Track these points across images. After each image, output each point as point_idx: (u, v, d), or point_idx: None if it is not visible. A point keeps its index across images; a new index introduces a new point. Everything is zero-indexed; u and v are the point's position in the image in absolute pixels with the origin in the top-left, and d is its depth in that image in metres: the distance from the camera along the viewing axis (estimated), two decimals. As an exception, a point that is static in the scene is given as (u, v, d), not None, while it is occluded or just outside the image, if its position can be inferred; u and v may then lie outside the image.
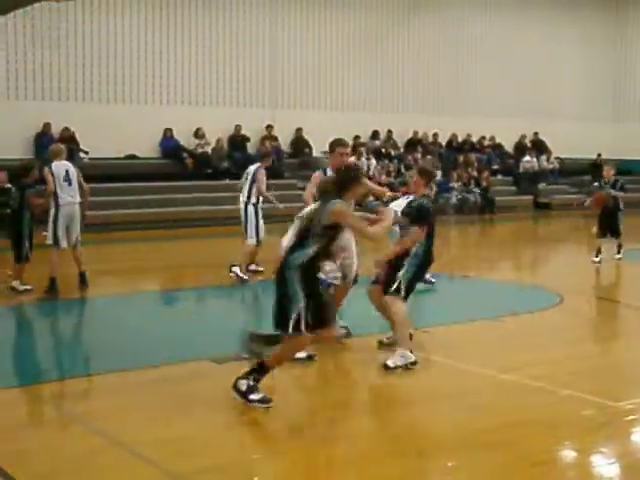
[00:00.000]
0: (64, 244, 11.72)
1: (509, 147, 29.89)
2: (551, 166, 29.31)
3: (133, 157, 22.87)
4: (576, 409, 6.96)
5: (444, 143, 28.28)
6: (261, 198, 13.19)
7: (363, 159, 24.94)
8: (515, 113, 29.22)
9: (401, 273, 7.97)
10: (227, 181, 22.25)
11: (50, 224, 11.70)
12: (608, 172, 16.49)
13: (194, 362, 8.19)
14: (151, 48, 23.26)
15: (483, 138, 29.06)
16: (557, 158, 29.63)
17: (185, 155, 23.19)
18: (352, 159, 24.41)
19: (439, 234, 12.69)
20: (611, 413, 6.89)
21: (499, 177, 28.31)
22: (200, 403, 6.89)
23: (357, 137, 25.92)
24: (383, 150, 26.40)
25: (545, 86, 29.99)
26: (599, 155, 30.26)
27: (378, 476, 5.53)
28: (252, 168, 13.53)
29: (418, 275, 8.20)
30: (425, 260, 8.16)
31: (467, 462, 5.78)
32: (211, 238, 15.23)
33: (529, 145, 29.82)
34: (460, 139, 28.60)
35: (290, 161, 24.76)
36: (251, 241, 12.99)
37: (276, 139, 24.75)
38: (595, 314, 11.69)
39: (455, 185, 26.21)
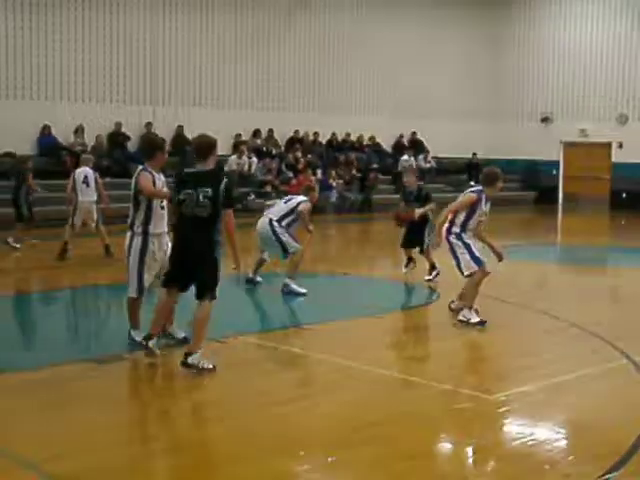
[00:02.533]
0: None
1: (388, 146, 30.42)
2: (428, 165, 29.94)
3: (9, 154, 22.30)
4: (450, 402, 7.24)
5: (324, 142, 28.58)
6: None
7: (244, 157, 25.02)
8: (394, 112, 29.77)
9: None
10: (107, 179, 21.94)
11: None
12: (410, 180, 13.88)
13: (76, 363, 8.14)
14: (28, 42, 22.72)
15: (362, 137, 29.49)
16: (434, 157, 30.29)
17: (64, 153, 22.78)
18: (233, 157, 24.64)
19: (319, 233, 12.91)
20: (484, 405, 7.17)
21: (378, 176, 28.75)
22: (80, 403, 6.87)
23: (238, 135, 25.97)
24: (264, 149, 26.51)
25: (423, 86, 30.62)
26: (474, 154, 31.11)
27: (258, 475, 5.61)
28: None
29: None
30: None
31: (346, 457, 5.94)
32: (90, 237, 15.09)
33: (407, 144, 30.42)
34: (340, 138, 28.95)
35: (171, 159, 24.52)
36: (295, 248, 11.88)
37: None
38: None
39: (335, 184, 26.51)
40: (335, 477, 5.73)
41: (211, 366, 7.65)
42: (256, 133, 26.90)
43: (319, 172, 26.17)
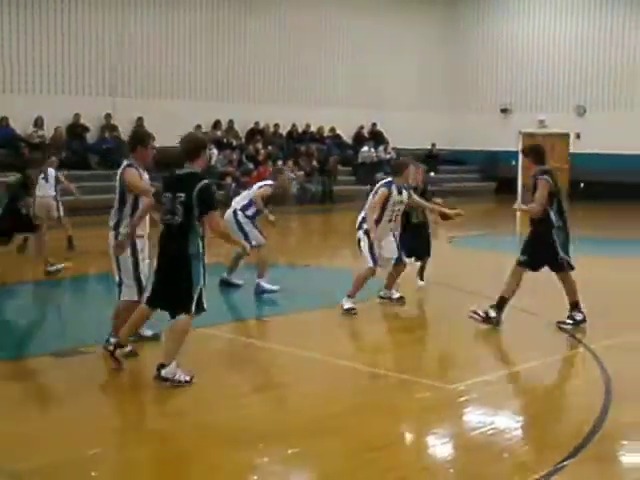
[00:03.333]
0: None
1: (348, 138, 30.47)
2: (388, 156, 29.99)
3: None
4: (411, 393, 7.30)
5: (285, 133, 28.57)
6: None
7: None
8: (354, 104, 29.82)
9: None
10: (65, 171, 21.78)
11: None
12: (419, 175, 11.81)
13: (33, 357, 8.10)
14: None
15: (323, 129, 29.51)
16: (394, 148, 30.39)
17: (22, 145, 22.55)
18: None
19: (280, 224, 12.89)
20: (444, 395, 7.24)
21: (338, 167, 28.79)
22: (36, 399, 6.84)
23: (198, 126, 25.84)
24: (225, 140, 26.43)
25: (383, 78, 30.70)
26: (433, 145, 31.27)
27: (219, 468, 5.62)
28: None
29: None
30: None
31: (307, 449, 5.97)
32: (54, 229, 14.95)
33: (367, 136, 30.50)
34: (300, 130, 28.95)
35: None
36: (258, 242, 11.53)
37: (116, 128, 24.38)
38: (428, 300, 12.13)
39: (295, 175, 26.48)
40: (295, 469, 5.76)
41: (187, 378, 7.16)
42: (216, 124, 26.80)
43: (280, 163, 26.14)
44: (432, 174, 30.35)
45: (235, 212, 11.48)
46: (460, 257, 16.33)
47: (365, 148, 29.21)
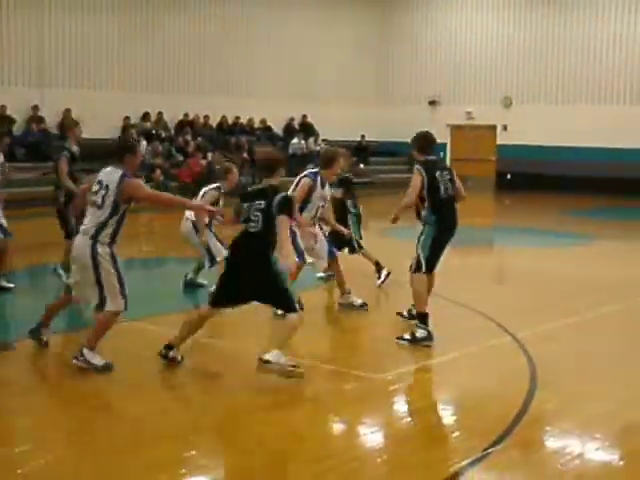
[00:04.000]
0: None
1: (278, 129, 30.47)
2: (318, 148, 30.07)
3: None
4: (339, 383, 7.37)
5: (215, 125, 28.44)
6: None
7: (133, 141, 24.69)
8: (285, 96, 29.82)
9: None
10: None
11: None
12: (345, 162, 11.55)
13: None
14: None
15: (253, 120, 29.44)
16: (324, 140, 30.45)
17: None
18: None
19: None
20: (373, 385, 7.33)
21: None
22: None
23: (127, 118, 25.60)
24: (154, 132, 26.20)
25: (314, 70, 30.80)
26: (363, 136, 31.46)
27: (145, 462, 5.61)
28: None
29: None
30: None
31: (235, 441, 5.98)
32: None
33: (298, 127, 30.55)
34: (230, 121, 28.84)
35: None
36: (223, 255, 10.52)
37: (43, 120, 24.01)
38: (358, 291, 12.18)
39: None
40: (222, 462, 5.78)
41: (293, 367, 7.22)
42: (145, 116, 26.55)
43: (209, 155, 26.04)
44: (362, 166, 30.54)
45: (194, 225, 10.70)
46: (391, 248, 16.45)
47: (295, 140, 29.25)
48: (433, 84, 32.67)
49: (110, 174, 7.42)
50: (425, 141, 9.55)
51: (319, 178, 9.76)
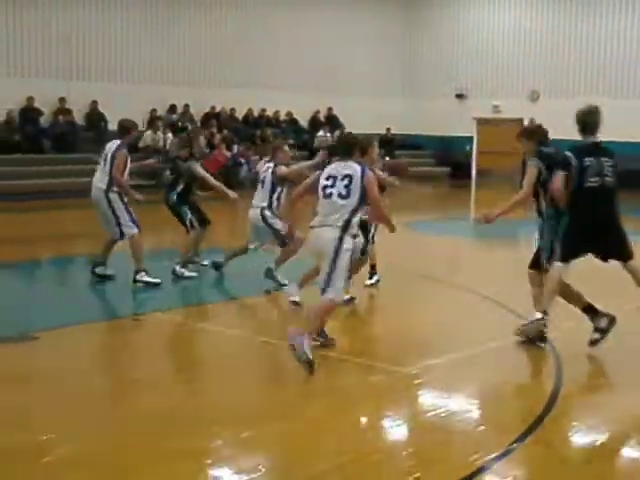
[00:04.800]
0: None
1: (304, 122, 30.45)
2: (345, 141, 30.03)
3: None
4: (365, 376, 7.36)
5: (241, 118, 28.45)
6: None
7: (159, 133, 24.78)
8: (310, 89, 29.79)
9: None
10: (18, 155, 21.69)
11: None
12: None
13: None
14: None
15: (279, 113, 29.44)
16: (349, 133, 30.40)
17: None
18: (148, 133, 24.29)
19: (223, 212, 12.69)
20: (398, 378, 7.31)
21: (295, 152, 28.70)
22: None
23: (154, 110, 25.70)
24: (180, 124, 26.26)
25: (340, 63, 30.73)
26: (388, 129, 31.38)
27: (171, 453, 5.59)
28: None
29: None
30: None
31: (259, 433, 5.97)
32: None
33: (323, 120, 30.51)
34: (256, 114, 28.85)
35: (85, 135, 24.22)
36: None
37: (70, 112, 24.13)
38: (381, 283, 12.16)
39: (246, 160, 26.33)
40: (248, 451, 5.78)
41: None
42: (172, 108, 26.63)
43: (235, 147, 26.06)
44: (387, 158, 30.42)
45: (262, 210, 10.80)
46: (413, 241, 16.41)
47: (321, 132, 29.21)
48: (460, 77, 32.50)
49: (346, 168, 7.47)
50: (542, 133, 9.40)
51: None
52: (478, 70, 32.14)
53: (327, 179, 7.51)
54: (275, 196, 10.77)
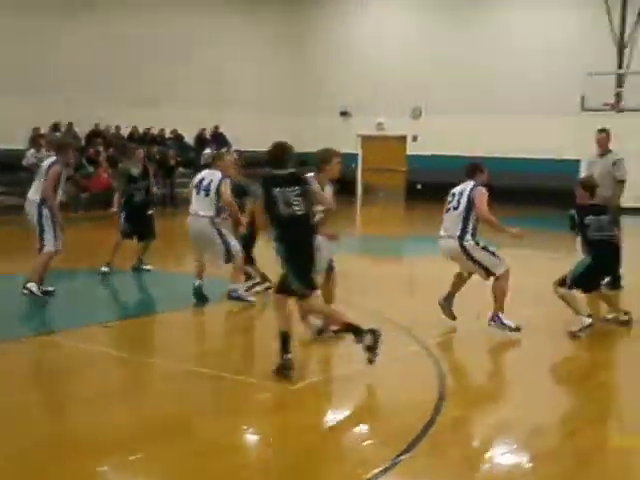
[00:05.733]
0: None
1: (190, 140, 30.32)
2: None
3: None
4: (250, 393, 7.39)
5: (126, 135, 28.13)
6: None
7: (43, 151, 24.27)
8: (196, 106, 29.66)
9: None
10: None
11: None
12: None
13: None
14: None
15: (164, 131, 29.23)
16: (236, 151, 30.38)
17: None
18: (31, 151, 23.73)
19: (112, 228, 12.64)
20: (284, 395, 7.36)
21: (180, 170, 28.54)
22: None
23: (37, 129, 25.16)
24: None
25: (225, 80, 30.73)
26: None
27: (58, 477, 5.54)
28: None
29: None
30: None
31: (147, 454, 5.94)
32: None
33: (210, 138, 30.44)
34: (142, 131, 28.59)
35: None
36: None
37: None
38: (268, 301, 12.22)
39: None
40: (135, 475, 5.75)
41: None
42: (56, 126, 26.12)
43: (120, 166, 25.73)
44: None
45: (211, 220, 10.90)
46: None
47: (207, 150, 29.09)
48: (345, 95, 32.89)
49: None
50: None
51: (315, 181, 8.98)
52: (362, 88, 32.53)
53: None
54: (220, 205, 10.86)
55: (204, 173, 11.19)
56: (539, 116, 28.99)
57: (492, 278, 9.69)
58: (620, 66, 25.21)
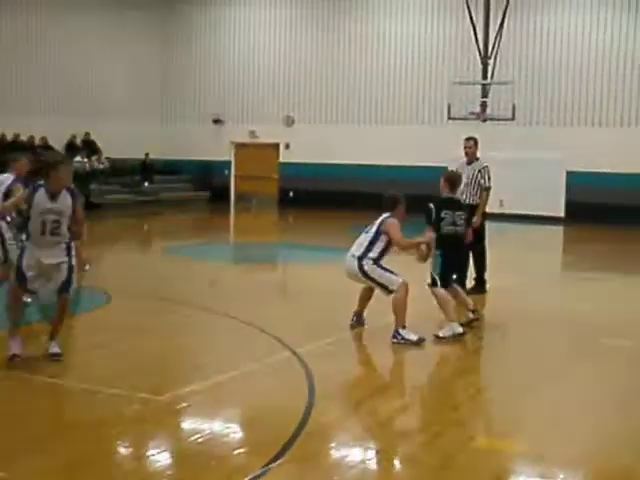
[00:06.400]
0: None
1: (60, 147, 29.65)
2: (102, 166, 29.60)
3: None
4: (120, 407, 7.28)
5: (-7, 143, 27.32)
6: None
7: None
8: (66, 112, 29.09)
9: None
10: None
11: None
12: None
13: None
14: None
15: (33, 138, 28.50)
16: (108, 158, 29.98)
17: None
18: None
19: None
20: (154, 407, 7.30)
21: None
22: None
23: None
24: None
25: (97, 86, 30.28)
26: (147, 155, 31.22)
27: None
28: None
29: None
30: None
31: (11, 474, 5.78)
32: None
33: (80, 145, 29.86)
34: (9, 138, 27.79)
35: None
36: None
37: None
38: (140, 312, 12.11)
39: None
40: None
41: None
42: None
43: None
44: (146, 184, 30.30)
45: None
46: (172, 267, 16.40)
47: (78, 158, 28.55)
48: (217, 102, 32.81)
49: None
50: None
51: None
52: (234, 95, 32.58)
53: None
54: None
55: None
56: (408, 124, 29.60)
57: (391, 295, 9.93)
58: (485, 76, 25.92)
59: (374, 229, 10.07)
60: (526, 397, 7.95)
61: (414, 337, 9.70)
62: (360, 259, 9.94)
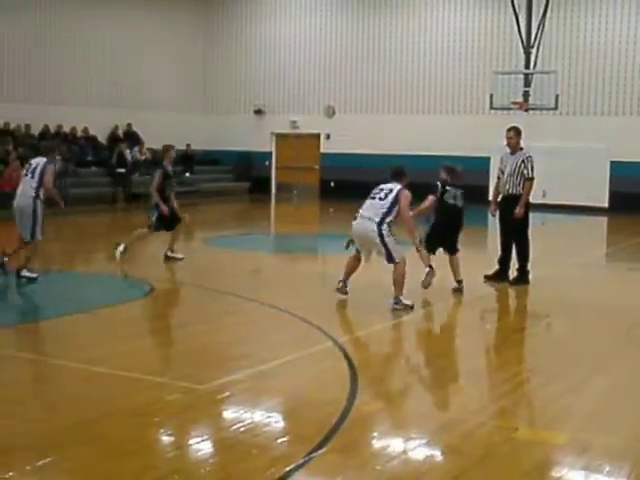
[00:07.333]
0: None
1: (103, 138, 29.88)
2: (144, 157, 29.74)
3: None
4: (163, 395, 7.32)
5: (37, 134, 27.56)
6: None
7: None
8: (108, 104, 29.30)
9: None
10: None
11: None
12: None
13: None
14: None
15: (76, 129, 28.73)
16: (149, 149, 30.11)
17: None
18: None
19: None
20: (196, 396, 7.32)
21: (93, 169, 28.15)
22: None
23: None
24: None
25: (138, 78, 30.45)
26: (188, 145, 31.33)
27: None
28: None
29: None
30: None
31: (58, 459, 5.86)
32: None
33: (122, 136, 30.04)
34: (53, 130, 28.04)
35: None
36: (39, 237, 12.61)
37: None
38: (184, 301, 12.21)
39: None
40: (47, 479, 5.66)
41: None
42: (-41, 125, 25.49)
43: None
44: (187, 174, 30.40)
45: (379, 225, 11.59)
46: (214, 257, 16.46)
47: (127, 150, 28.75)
48: (258, 93, 32.86)
49: None
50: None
51: None
52: (276, 86, 32.62)
53: None
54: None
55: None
56: (450, 115, 29.44)
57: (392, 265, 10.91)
58: (527, 66, 25.66)
59: (390, 199, 11.01)
60: (571, 388, 7.86)
61: (409, 302, 10.78)
62: (379, 224, 10.82)
